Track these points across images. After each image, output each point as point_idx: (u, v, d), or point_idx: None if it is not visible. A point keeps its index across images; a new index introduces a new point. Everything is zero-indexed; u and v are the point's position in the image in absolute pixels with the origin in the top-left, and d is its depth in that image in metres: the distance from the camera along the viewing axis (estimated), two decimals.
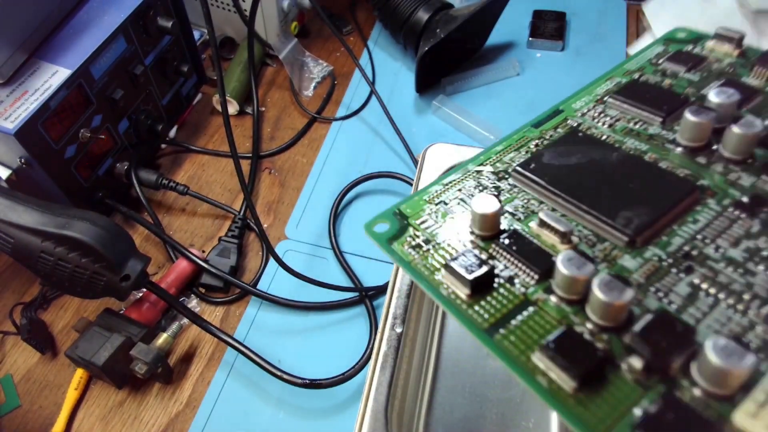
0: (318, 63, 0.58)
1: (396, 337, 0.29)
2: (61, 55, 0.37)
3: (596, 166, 0.23)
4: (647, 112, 0.25)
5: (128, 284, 0.34)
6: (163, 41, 0.45)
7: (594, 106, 0.26)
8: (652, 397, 0.16)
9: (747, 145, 0.22)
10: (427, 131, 0.52)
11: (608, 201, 0.21)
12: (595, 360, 0.16)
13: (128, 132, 0.45)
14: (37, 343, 0.39)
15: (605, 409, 0.16)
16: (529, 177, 0.23)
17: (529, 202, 0.23)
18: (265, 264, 0.44)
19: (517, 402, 0.33)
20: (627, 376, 0.16)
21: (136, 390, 0.38)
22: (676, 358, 0.16)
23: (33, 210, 0.33)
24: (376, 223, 0.22)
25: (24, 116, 0.34)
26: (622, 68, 0.28)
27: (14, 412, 0.37)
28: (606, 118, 0.25)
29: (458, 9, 0.52)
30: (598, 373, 0.16)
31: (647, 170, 0.22)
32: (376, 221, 0.23)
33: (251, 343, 0.38)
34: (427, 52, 0.49)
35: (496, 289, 0.19)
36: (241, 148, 0.51)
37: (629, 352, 0.17)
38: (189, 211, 0.48)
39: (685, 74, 0.27)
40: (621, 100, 0.26)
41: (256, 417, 0.37)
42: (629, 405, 0.16)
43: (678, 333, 0.17)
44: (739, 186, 0.21)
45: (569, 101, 0.27)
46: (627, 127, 0.25)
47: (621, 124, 0.25)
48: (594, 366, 0.16)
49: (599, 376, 0.16)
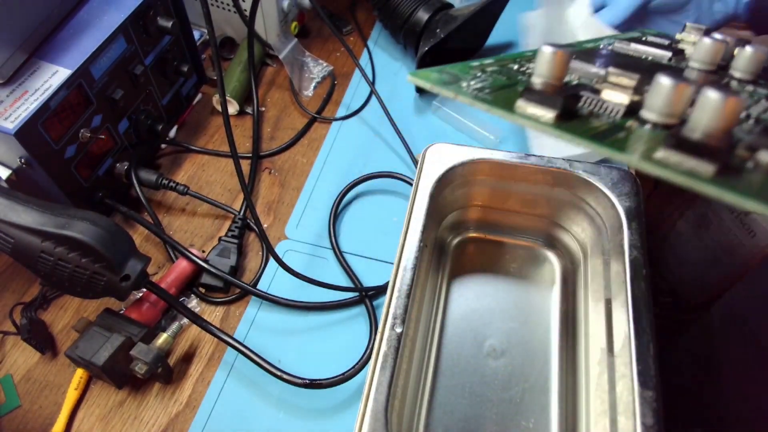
0: (318, 63, 0.58)
1: (396, 337, 0.29)
2: (61, 55, 0.37)
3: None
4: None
5: (128, 284, 0.34)
6: (163, 41, 0.45)
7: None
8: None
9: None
10: (427, 131, 0.52)
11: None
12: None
13: (128, 132, 0.45)
14: (37, 343, 0.39)
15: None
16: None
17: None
18: (265, 264, 0.44)
19: (517, 402, 0.33)
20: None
21: (136, 390, 0.38)
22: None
23: (33, 210, 0.33)
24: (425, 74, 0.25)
25: (24, 116, 0.34)
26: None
27: (14, 412, 0.37)
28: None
29: (458, 9, 0.52)
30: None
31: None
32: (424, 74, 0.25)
33: (251, 343, 0.38)
34: (427, 52, 0.49)
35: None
36: (241, 148, 0.51)
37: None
38: (189, 211, 0.48)
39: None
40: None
41: (256, 417, 0.37)
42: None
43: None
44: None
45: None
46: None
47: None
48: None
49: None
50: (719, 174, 0.18)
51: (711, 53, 0.28)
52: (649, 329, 0.28)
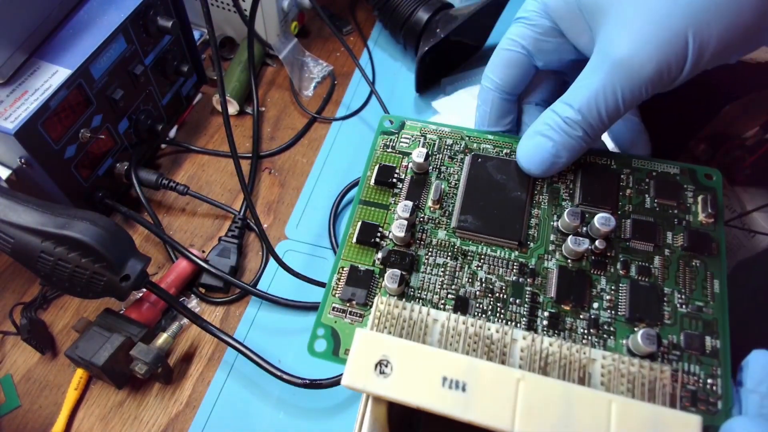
0: (318, 63, 0.58)
1: None
2: (61, 55, 0.37)
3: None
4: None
5: (128, 284, 0.34)
6: (163, 41, 0.45)
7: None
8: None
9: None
10: None
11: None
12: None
13: (128, 132, 0.45)
14: (37, 343, 0.39)
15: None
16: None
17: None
18: (265, 264, 0.44)
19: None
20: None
21: (136, 390, 0.38)
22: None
23: (33, 210, 0.33)
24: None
25: (24, 116, 0.34)
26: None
27: (14, 412, 0.37)
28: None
29: (458, 9, 0.52)
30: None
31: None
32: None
33: (251, 343, 0.38)
34: (427, 52, 0.49)
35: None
36: (241, 148, 0.51)
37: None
38: (189, 211, 0.48)
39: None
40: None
41: (256, 417, 0.36)
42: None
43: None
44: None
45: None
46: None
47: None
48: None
49: None
50: None
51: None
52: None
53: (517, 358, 0.23)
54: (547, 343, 0.23)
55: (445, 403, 0.21)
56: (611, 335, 0.25)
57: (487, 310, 0.26)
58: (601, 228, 0.26)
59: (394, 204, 0.30)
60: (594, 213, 0.27)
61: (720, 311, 0.25)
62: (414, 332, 0.24)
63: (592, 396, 0.21)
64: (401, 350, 0.23)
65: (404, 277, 0.26)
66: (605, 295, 0.26)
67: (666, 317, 0.25)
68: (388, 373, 0.22)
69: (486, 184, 0.29)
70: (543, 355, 0.23)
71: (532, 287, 0.27)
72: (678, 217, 0.27)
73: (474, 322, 0.24)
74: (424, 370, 0.22)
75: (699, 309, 0.25)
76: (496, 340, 0.23)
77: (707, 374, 0.24)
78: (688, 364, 0.24)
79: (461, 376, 0.22)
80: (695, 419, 0.21)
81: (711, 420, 0.23)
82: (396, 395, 0.22)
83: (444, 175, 0.30)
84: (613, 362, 0.23)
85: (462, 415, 0.21)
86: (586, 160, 0.30)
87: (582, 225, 0.27)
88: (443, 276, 0.27)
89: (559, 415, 0.21)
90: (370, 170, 0.31)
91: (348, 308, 0.27)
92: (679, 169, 0.29)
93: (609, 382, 0.22)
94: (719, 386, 0.24)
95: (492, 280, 0.27)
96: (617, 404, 0.21)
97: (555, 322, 0.25)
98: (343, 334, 0.26)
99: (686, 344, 0.24)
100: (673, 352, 0.24)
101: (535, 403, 0.21)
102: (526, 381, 0.21)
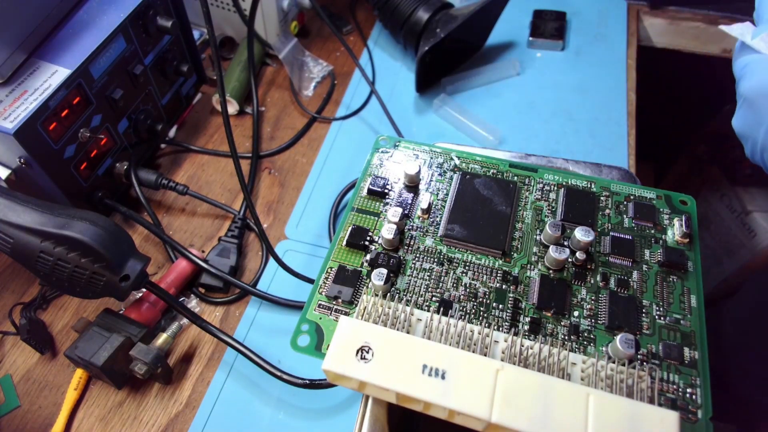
0: (318, 63, 0.58)
1: None
2: (61, 54, 0.37)
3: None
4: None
5: (128, 284, 0.33)
6: (163, 41, 0.45)
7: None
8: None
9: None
10: (427, 131, 0.52)
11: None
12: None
13: (128, 132, 0.45)
14: (36, 343, 0.39)
15: None
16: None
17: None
18: (265, 264, 0.44)
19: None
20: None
21: (136, 390, 0.38)
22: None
23: (32, 210, 0.33)
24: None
25: (23, 116, 0.34)
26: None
27: (14, 412, 0.37)
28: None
29: (458, 9, 0.52)
30: None
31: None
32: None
33: (251, 343, 0.38)
34: (427, 52, 0.49)
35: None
36: (240, 148, 0.51)
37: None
38: (189, 211, 0.47)
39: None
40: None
41: (256, 417, 0.36)
42: None
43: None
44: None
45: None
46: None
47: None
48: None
49: None
50: None
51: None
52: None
53: (498, 358, 0.23)
54: (528, 345, 0.23)
55: (424, 390, 0.21)
56: (591, 342, 0.25)
57: (470, 313, 0.26)
58: (581, 239, 0.27)
59: (384, 212, 0.31)
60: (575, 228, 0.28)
61: (697, 324, 0.26)
62: (398, 329, 0.24)
63: (571, 388, 0.21)
64: (383, 337, 0.23)
65: (390, 277, 0.27)
66: (585, 304, 0.26)
67: (645, 327, 0.25)
68: (369, 358, 0.22)
69: (473, 198, 0.30)
70: (523, 357, 0.23)
71: (514, 294, 0.27)
72: (655, 236, 0.28)
73: (456, 323, 0.24)
74: (405, 357, 0.22)
75: (677, 321, 0.26)
76: (478, 341, 0.24)
77: (686, 383, 0.24)
78: (667, 373, 0.24)
79: (441, 364, 0.22)
80: (673, 414, 0.21)
81: (692, 429, 0.23)
82: (375, 380, 0.22)
83: (433, 189, 0.31)
84: (593, 366, 0.23)
85: (440, 401, 0.21)
86: (568, 182, 0.31)
87: (563, 237, 0.28)
88: (429, 280, 0.28)
89: (538, 405, 0.21)
90: (363, 181, 0.32)
91: (334, 305, 0.27)
92: (655, 194, 0.30)
93: (589, 384, 0.23)
94: (699, 396, 0.24)
95: (476, 285, 0.27)
96: (595, 397, 0.21)
97: (536, 327, 0.26)
98: (327, 330, 0.26)
99: (665, 354, 0.25)
100: (653, 361, 0.24)
101: (514, 393, 0.21)
102: (505, 371, 0.22)
